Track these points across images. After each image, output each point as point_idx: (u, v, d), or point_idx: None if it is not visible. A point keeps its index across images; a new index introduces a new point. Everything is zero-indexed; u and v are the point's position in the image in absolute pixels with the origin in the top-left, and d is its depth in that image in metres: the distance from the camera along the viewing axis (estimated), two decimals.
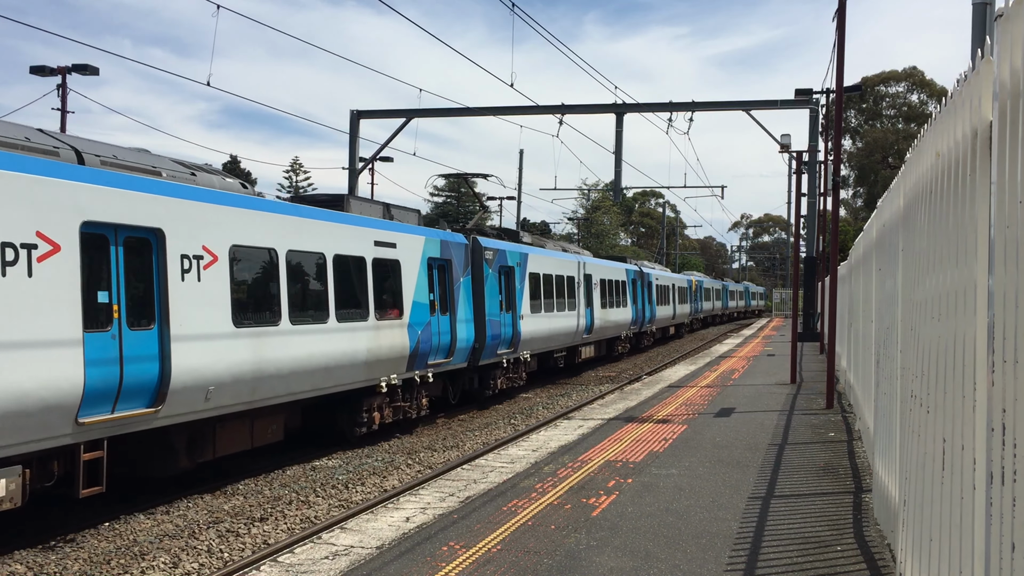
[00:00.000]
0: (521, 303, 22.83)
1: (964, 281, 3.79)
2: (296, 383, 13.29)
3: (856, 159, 75.34)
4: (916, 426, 5.27)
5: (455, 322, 18.83)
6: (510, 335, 22.04)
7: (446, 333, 18.55)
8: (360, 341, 14.91)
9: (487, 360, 20.74)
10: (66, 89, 32.22)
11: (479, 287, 20.44)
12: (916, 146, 5.73)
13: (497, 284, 21.40)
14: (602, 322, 31.72)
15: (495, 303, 21.05)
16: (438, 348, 18.11)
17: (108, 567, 9.13)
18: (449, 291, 18.85)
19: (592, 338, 30.80)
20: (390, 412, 16.61)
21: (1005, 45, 3.03)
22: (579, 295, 28.87)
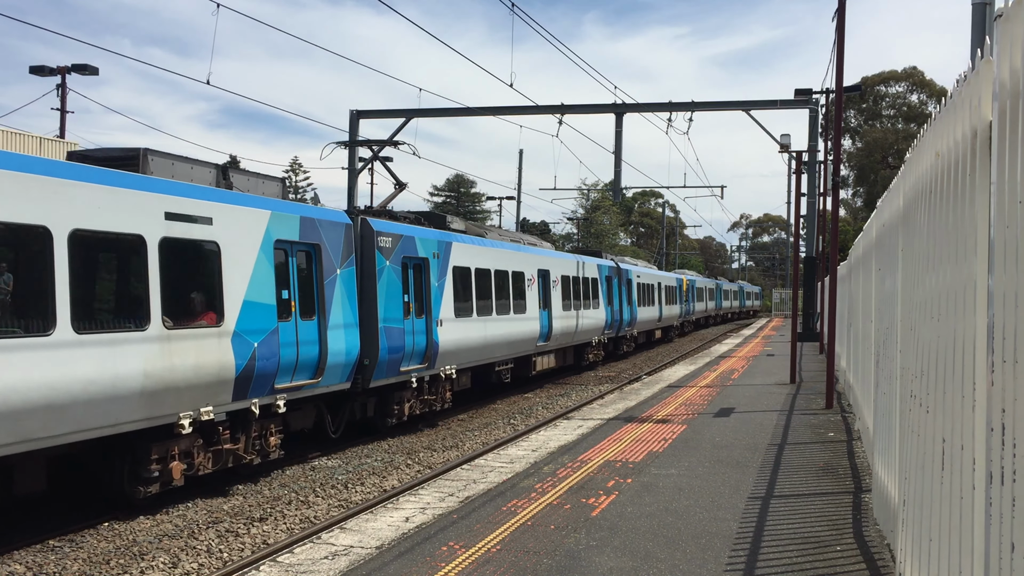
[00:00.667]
0: (439, 305, 18.24)
1: (964, 281, 3.79)
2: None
3: (856, 159, 75.35)
4: (916, 426, 5.27)
5: (325, 329, 14.13)
6: (423, 346, 17.47)
7: (311, 344, 13.77)
8: (129, 360, 10.29)
9: (385, 379, 16.16)
10: (66, 89, 32.22)
11: (369, 283, 15.79)
12: (916, 146, 5.73)
13: (400, 280, 16.73)
14: (564, 327, 27.13)
15: (396, 305, 16.51)
16: (295, 365, 13.40)
17: (107, 567, 9.13)
18: (316, 287, 14.15)
19: (551, 346, 26.07)
20: (207, 459, 12.03)
21: (1005, 45, 3.03)
22: (532, 295, 24.32)
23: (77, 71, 31.72)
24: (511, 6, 23.10)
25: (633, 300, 37.51)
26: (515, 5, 23.03)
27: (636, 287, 38.27)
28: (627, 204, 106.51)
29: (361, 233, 15.94)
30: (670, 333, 51.03)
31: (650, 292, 42.20)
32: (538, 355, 25.25)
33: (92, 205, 10.02)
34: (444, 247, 18.80)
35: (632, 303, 37.25)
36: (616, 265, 35.19)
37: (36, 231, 9.32)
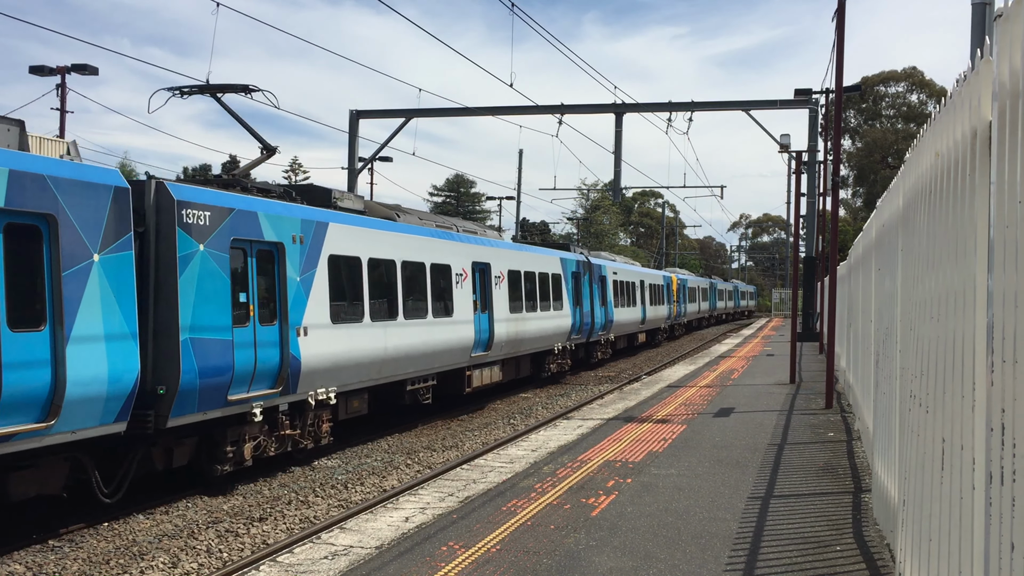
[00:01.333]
0: (303, 308, 13.62)
1: (963, 281, 3.79)
2: None
3: (855, 159, 75.37)
4: (915, 426, 5.27)
5: (62, 344, 9.53)
6: (273, 364, 12.91)
7: (32, 368, 9.22)
8: None
9: (200, 414, 11.50)
10: (65, 89, 32.23)
11: (166, 276, 11.10)
12: (915, 146, 5.73)
13: (227, 274, 12.02)
14: (512, 332, 22.42)
15: (218, 308, 11.81)
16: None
17: (107, 567, 9.13)
18: (48, 282, 9.55)
19: (493, 356, 21.37)
20: None
21: (1004, 45, 3.03)
22: (464, 294, 19.69)
23: (77, 71, 31.74)
24: (511, 6, 23.10)
25: (608, 300, 33.09)
26: (515, 5, 23.03)
27: (612, 285, 33.91)
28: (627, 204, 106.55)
29: (156, 204, 11.17)
30: (656, 337, 45.71)
31: (630, 291, 37.49)
32: (475, 368, 20.52)
33: None
34: (313, 229, 14.03)
35: (607, 304, 32.83)
36: (586, 259, 30.72)
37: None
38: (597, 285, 31.60)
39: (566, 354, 28.13)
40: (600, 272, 32.26)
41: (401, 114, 38.23)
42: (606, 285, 32.95)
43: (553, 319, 26.11)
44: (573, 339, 28.39)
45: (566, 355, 28.14)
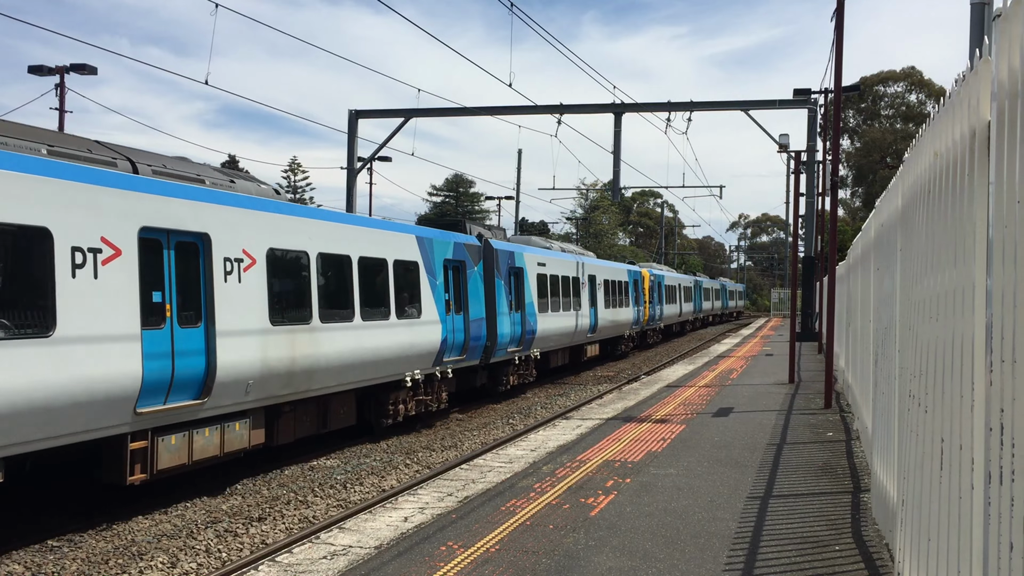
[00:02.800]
0: None
1: (962, 281, 3.80)
2: None
3: (854, 159, 75.42)
4: (914, 426, 5.27)
5: None
6: None
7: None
8: None
9: None
10: (64, 88, 32.20)
11: None
12: (914, 146, 5.73)
13: None
14: (273, 362, 12.79)
15: None
16: None
17: (106, 567, 9.13)
18: None
19: (248, 402, 12.45)
20: None
21: (1003, 45, 3.03)
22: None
23: (76, 71, 31.73)
24: (510, 6, 23.09)
25: (528, 303, 23.75)
26: (514, 5, 23.02)
27: (537, 281, 24.70)
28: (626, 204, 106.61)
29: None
30: (618, 347, 36.25)
31: (570, 290, 28.31)
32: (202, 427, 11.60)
33: None
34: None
35: (525, 308, 23.52)
36: (480, 243, 21.17)
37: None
38: (503, 282, 21.88)
39: (444, 382, 18.86)
40: (509, 263, 22.60)
41: (400, 114, 38.23)
42: (524, 281, 23.60)
43: (397, 334, 16.40)
44: (448, 362, 18.77)
45: (435, 388, 18.40)
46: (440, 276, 18.65)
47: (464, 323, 19.67)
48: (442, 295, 18.58)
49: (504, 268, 22.23)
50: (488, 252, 21.50)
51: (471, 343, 19.86)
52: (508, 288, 22.33)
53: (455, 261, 19.60)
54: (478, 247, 21.01)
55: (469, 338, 19.75)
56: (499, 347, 21.51)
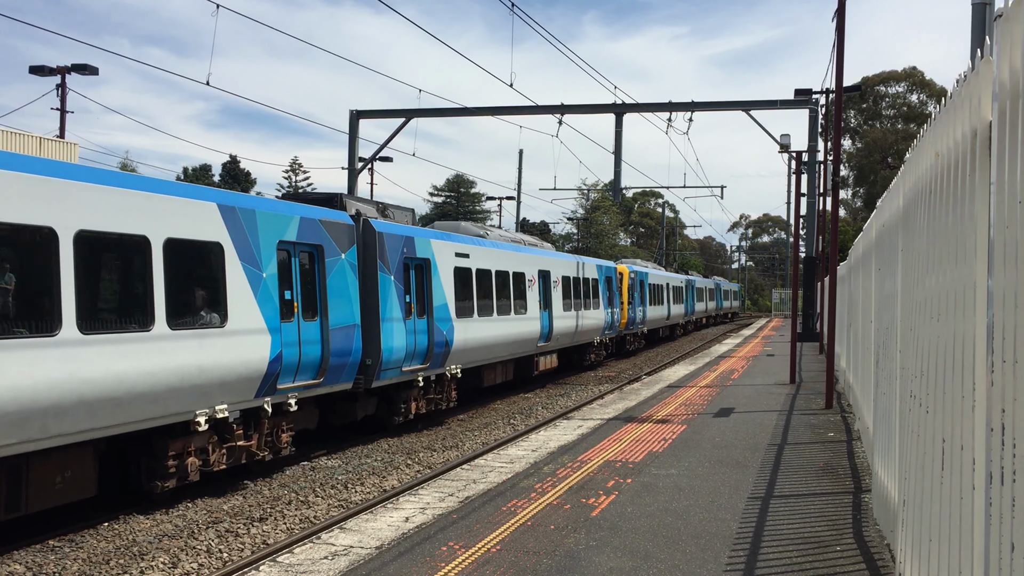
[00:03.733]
0: None
1: (963, 281, 3.79)
2: None
3: (855, 159, 75.41)
4: (915, 426, 5.27)
5: None
6: None
7: None
8: None
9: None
10: (65, 89, 32.23)
11: None
12: (915, 146, 5.73)
13: None
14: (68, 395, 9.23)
15: None
16: None
17: (107, 567, 9.13)
18: None
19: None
20: None
21: (1005, 45, 3.03)
22: None
23: (77, 71, 31.74)
24: (511, 6, 23.09)
25: (440, 306, 18.26)
26: (515, 5, 23.02)
27: (448, 278, 18.78)
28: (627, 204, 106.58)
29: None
30: (586, 356, 30.89)
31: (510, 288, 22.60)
32: None
33: None
34: None
35: (434, 312, 17.95)
36: (351, 222, 15.47)
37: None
38: (397, 276, 16.62)
39: (263, 426, 13.06)
40: (407, 251, 17.09)
41: (401, 114, 38.25)
42: (431, 277, 18.02)
43: (167, 352, 10.95)
44: (290, 389, 13.27)
45: (263, 428, 13.07)
46: (270, 265, 12.91)
47: (321, 333, 14.07)
48: (273, 293, 12.85)
49: (396, 259, 16.56)
50: (369, 236, 15.97)
51: (333, 360, 14.22)
52: (404, 286, 16.84)
53: (303, 246, 13.93)
54: (347, 227, 15.15)
55: (328, 354, 14.08)
56: (387, 365, 16.04)
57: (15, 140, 22.60)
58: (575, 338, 28.60)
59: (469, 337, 19.65)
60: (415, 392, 17.76)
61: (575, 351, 30.14)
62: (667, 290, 46.59)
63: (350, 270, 15.16)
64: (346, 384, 15.11)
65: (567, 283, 27.92)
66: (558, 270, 27.20)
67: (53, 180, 9.58)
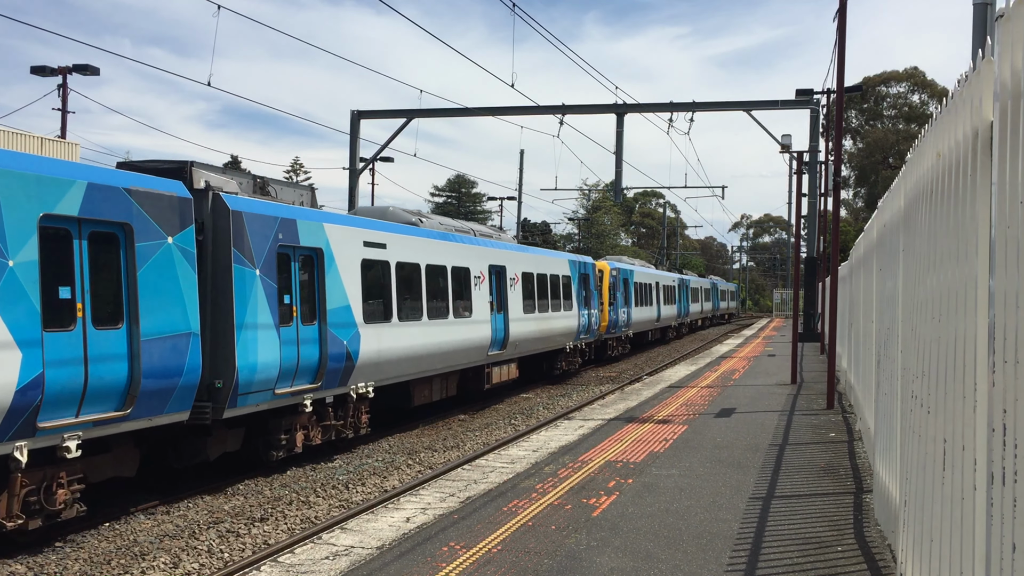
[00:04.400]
0: None
1: (965, 281, 3.79)
2: None
3: (857, 159, 75.36)
4: (917, 426, 5.27)
5: None
6: None
7: None
8: None
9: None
10: (67, 89, 32.24)
11: None
12: (917, 146, 5.73)
13: None
14: None
15: None
16: None
17: (108, 567, 9.14)
18: None
19: None
20: None
21: (1006, 45, 3.03)
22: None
23: (78, 71, 31.76)
24: (512, 6, 23.09)
25: (337, 308, 14.56)
26: (516, 5, 23.02)
27: (352, 273, 15.11)
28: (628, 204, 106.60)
29: None
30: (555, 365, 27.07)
31: (447, 286, 18.89)
32: None
33: None
34: None
35: (327, 316, 14.24)
36: (186, 194, 11.59)
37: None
38: (265, 270, 12.83)
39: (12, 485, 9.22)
40: (285, 237, 13.35)
41: (402, 114, 38.26)
42: (325, 271, 14.29)
43: None
44: (75, 426, 9.71)
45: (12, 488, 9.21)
46: (25, 249, 9.23)
47: (128, 345, 10.46)
48: (29, 290, 9.24)
49: (264, 246, 12.65)
50: (220, 216, 12.20)
51: (147, 383, 10.56)
52: (279, 283, 12.97)
53: (95, 223, 10.23)
54: (176, 202, 11.35)
55: (139, 374, 10.46)
56: (248, 387, 12.28)
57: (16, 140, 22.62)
58: (541, 344, 24.88)
59: (385, 348, 15.86)
60: (301, 419, 13.80)
61: (543, 359, 26.59)
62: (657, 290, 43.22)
63: (182, 259, 11.30)
64: (178, 415, 11.22)
65: (529, 281, 24.12)
66: (517, 266, 23.26)
67: None
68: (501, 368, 22.37)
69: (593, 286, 30.48)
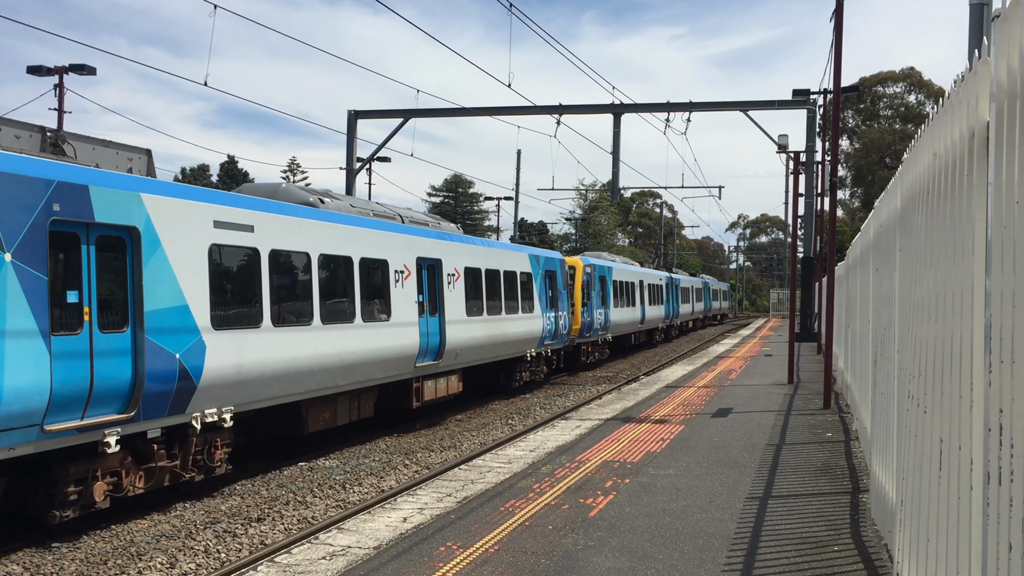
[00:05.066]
0: None
1: (961, 281, 3.80)
2: None
3: (853, 159, 75.45)
4: (913, 426, 5.28)
5: None
6: None
7: None
8: None
9: None
10: (63, 89, 32.19)
11: None
12: (913, 147, 5.74)
13: None
14: None
15: None
16: None
17: (105, 567, 9.12)
18: None
19: None
20: None
21: (1002, 46, 3.03)
22: None
23: (75, 71, 31.70)
24: (509, 6, 23.08)
25: (161, 310, 10.87)
26: (513, 5, 23.01)
27: (197, 265, 11.63)
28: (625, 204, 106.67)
29: None
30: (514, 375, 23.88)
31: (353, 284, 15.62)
32: None
33: None
34: None
35: (144, 321, 10.53)
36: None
37: None
38: (12, 259, 8.99)
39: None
40: (60, 207, 9.56)
41: (399, 114, 38.24)
42: (138, 262, 10.68)
43: None
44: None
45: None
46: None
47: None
48: None
49: (22, 223, 9.19)
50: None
51: None
52: (48, 273, 9.36)
53: None
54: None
55: None
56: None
57: None
58: (491, 352, 21.45)
59: (250, 361, 12.43)
60: (105, 462, 10.34)
61: (500, 368, 23.23)
62: (640, 289, 39.78)
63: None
64: None
65: (475, 278, 20.66)
66: (457, 259, 19.64)
67: None
68: (437, 381, 18.90)
69: (562, 285, 27.20)
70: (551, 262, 26.81)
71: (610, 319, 33.59)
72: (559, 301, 26.93)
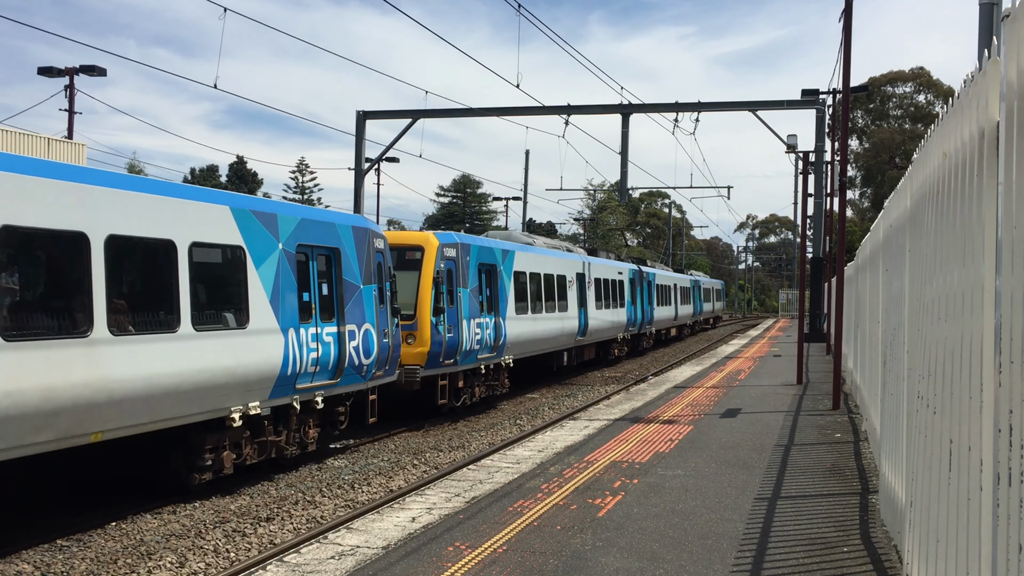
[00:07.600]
0: None
1: (971, 282, 3.79)
2: None
3: (863, 159, 75.22)
4: (923, 427, 5.26)
5: None
6: None
7: None
8: None
9: None
10: (73, 90, 32.33)
11: None
12: (923, 146, 5.72)
13: None
14: None
15: None
16: None
17: (115, 566, 9.16)
18: None
19: None
20: None
21: (1012, 45, 3.02)
22: None
23: (85, 72, 31.84)
24: (517, 6, 23.08)
25: None
26: (521, 5, 23.01)
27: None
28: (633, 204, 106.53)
29: None
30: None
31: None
32: None
33: None
34: None
35: None
36: None
37: None
38: None
39: None
40: None
41: (408, 115, 38.29)
42: None
43: None
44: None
45: None
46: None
47: None
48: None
49: None
50: None
51: None
52: None
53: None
54: None
55: None
56: None
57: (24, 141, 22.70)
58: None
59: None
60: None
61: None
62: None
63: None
64: None
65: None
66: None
67: None
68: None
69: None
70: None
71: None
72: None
